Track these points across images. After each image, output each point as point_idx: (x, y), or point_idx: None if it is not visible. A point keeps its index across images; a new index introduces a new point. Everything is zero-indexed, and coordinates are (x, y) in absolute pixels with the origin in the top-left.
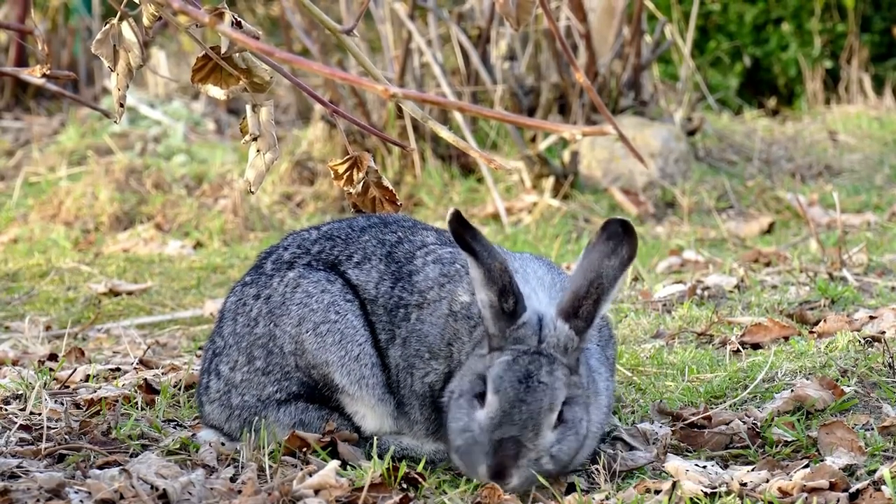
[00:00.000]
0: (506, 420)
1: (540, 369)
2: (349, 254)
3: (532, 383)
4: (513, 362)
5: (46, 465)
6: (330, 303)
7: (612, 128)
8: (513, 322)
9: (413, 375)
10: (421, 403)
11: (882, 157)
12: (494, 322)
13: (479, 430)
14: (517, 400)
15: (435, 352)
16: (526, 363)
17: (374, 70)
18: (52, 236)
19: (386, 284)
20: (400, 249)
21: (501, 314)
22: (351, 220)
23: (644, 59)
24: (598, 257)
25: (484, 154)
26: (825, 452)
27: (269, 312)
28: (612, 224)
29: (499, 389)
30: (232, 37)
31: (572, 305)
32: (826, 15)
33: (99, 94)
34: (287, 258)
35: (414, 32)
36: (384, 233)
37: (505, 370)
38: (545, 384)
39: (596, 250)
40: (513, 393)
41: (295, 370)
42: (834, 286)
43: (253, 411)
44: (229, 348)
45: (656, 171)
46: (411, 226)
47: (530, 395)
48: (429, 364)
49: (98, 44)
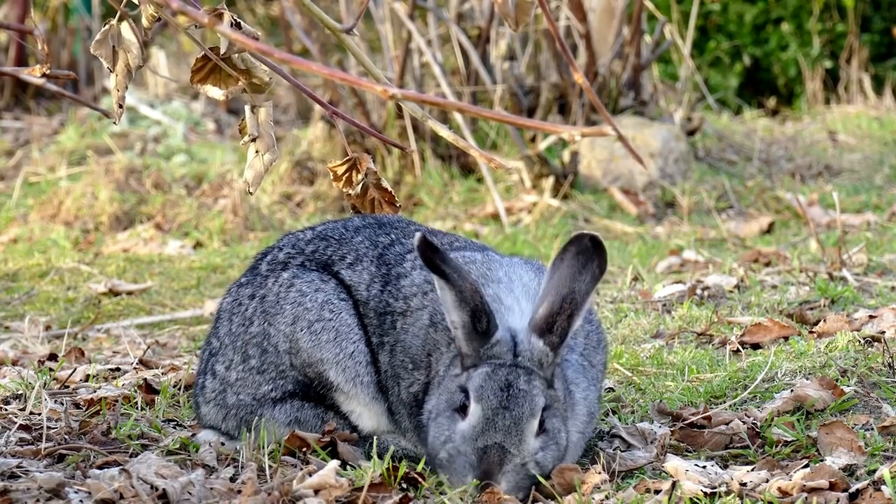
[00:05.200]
0: (489, 427)
1: (518, 378)
2: (342, 254)
3: (513, 391)
4: (492, 373)
5: (46, 465)
6: (324, 301)
7: (611, 128)
8: (486, 342)
9: (399, 385)
10: (409, 412)
11: (882, 157)
12: (468, 342)
13: (461, 440)
14: (500, 407)
15: (417, 362)
16: (505, 374)
17: (374, 70)
18: (52, 236)
19: (376, 287)
20: (391, 252)
21: (474, 335)
22: (346, 220)
23: (644, 59)
24: (570, 273)
25: (484, 153)
26: (825, 452)
27: (264, 312)
28: (582, 239)
29: (481, 398)
30: (231, 37)
31: (546, 322)
32: (826, 15)
33: (99, 94)
34: (282, 258)
35: (414, 32)
36: (378, 234)
37: (485, 380)
38: (525, 391)
39: (566, 265)
40: (495, 401)
41: (290, 368)
42: (834, 286)
43: (249, 410)
44: (225, 348)
45: (656, 171)
46: (405, 227)
47: (512, 402)
48: (412, 374)
49: (97, 44)
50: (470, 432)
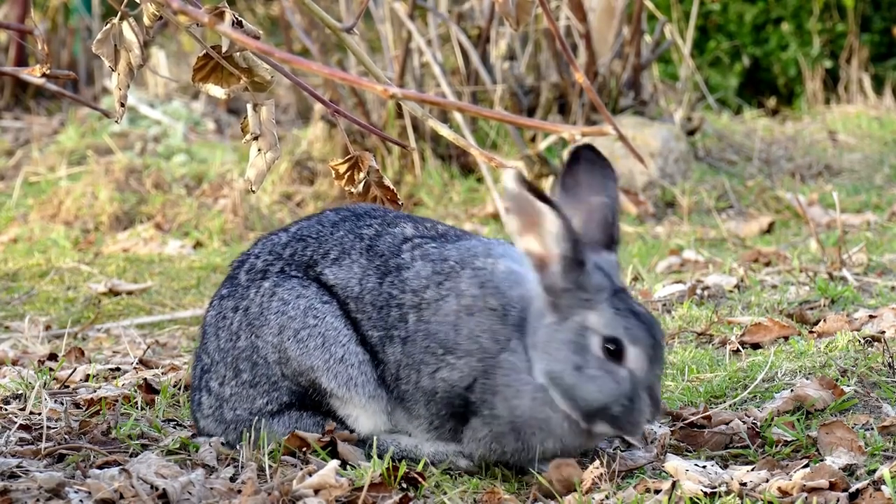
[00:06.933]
0: (653, 365)
1: (638, 305)
2: (324, 251)
3: (648, 318)
4: (619, 310)
5: (46, 464)
6: (307, 307)
7: (611, 128)
8: (582, 270)
9: (420, 372)
10: (428, 399)
11: (882, 157)
12: (565, 275)
13: (631, 385)
14: (655, 343)
15: (451, 347)
16: (626, 303)
17: (374, 69)
18: (52, 236)
19: (372, 280)
20: (381, 243)
21: (574, 265)
22: (319, 216)
23: (644, 59)
24: (594, 183)
25: (484, 153)
26: (825, 452)
27: (249, 325)
28: (585, 151)
29: (636, 339)
30: (232, 37)
31: (606, 234)
32: (826, 15)
33: (99, 94)
34: (260, 267)
35: (414, 32)
36: (359, 226)
37: (624, 318)
38: (653, 316)
39: (584, 178)
40: (649, 335)
41: (282, 379)
42: (834, 286)
43: (247, 425)
44: (216, 364)
45: (656, 170)
46: (382, 215)
47: (657, 331)
48: (443, 360)
49: (99, 43)
50: (640, 374)
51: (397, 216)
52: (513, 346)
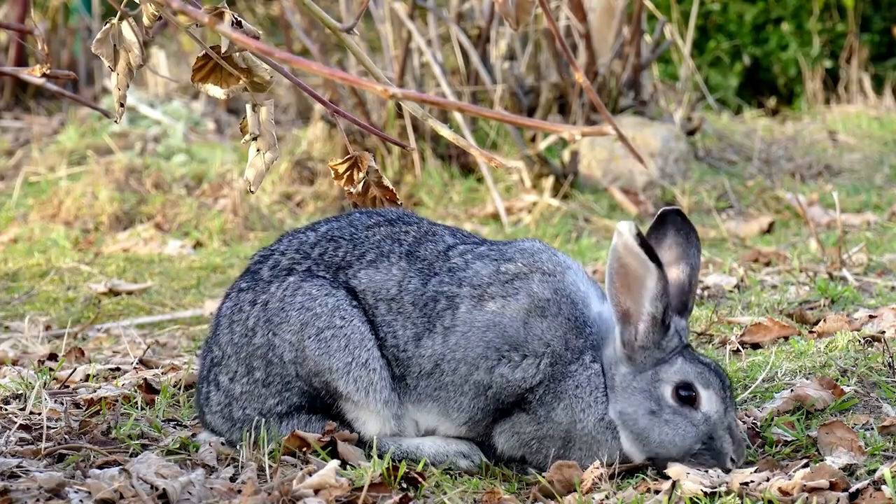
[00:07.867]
0: (728, 405)
1: (702, 355)
2: (360, 253)
3: (716, 366)
4: (688, 359)
5: (46, 464)
6: (335, 306)
7: (611, 128)
8: (666, 334)
9: (477, 367)
10: (477, 393)
11: (882, 157)
12: (649, 334)
13: (708, 426)
14: (724, 385)
15: (517, 345)
16: (693, 355)
17: (374, 69)
18: (52, 236)
19: (414, 282)
20: (424, 249)
21: (660, 327)
22: (349, 217)
23: (644, 59)
24: (680, 248)
25: (484, 153)
26: (825, 452)
27: (268, 321)
28: (671, 215)
29: (708, 383)
30: (232, 37)
31: (681, 301)
32: (826, 15)
33: (99, 94)
34: (285, 264)
35: (414, 32)
36: (395, 232)
37: (694, 366)
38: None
39: (671, 243)
40: (719, 380)
41: (296, 379)
42: (834, 286)
43: (255, 425)
44: (228, 358)
45: (656, 170)
46: (417, 222)
47: (724, 376)
48: (506, 356)
49: (98, 43)
50: (716, 417)
51: (431, 223)
52: (588, 361)
